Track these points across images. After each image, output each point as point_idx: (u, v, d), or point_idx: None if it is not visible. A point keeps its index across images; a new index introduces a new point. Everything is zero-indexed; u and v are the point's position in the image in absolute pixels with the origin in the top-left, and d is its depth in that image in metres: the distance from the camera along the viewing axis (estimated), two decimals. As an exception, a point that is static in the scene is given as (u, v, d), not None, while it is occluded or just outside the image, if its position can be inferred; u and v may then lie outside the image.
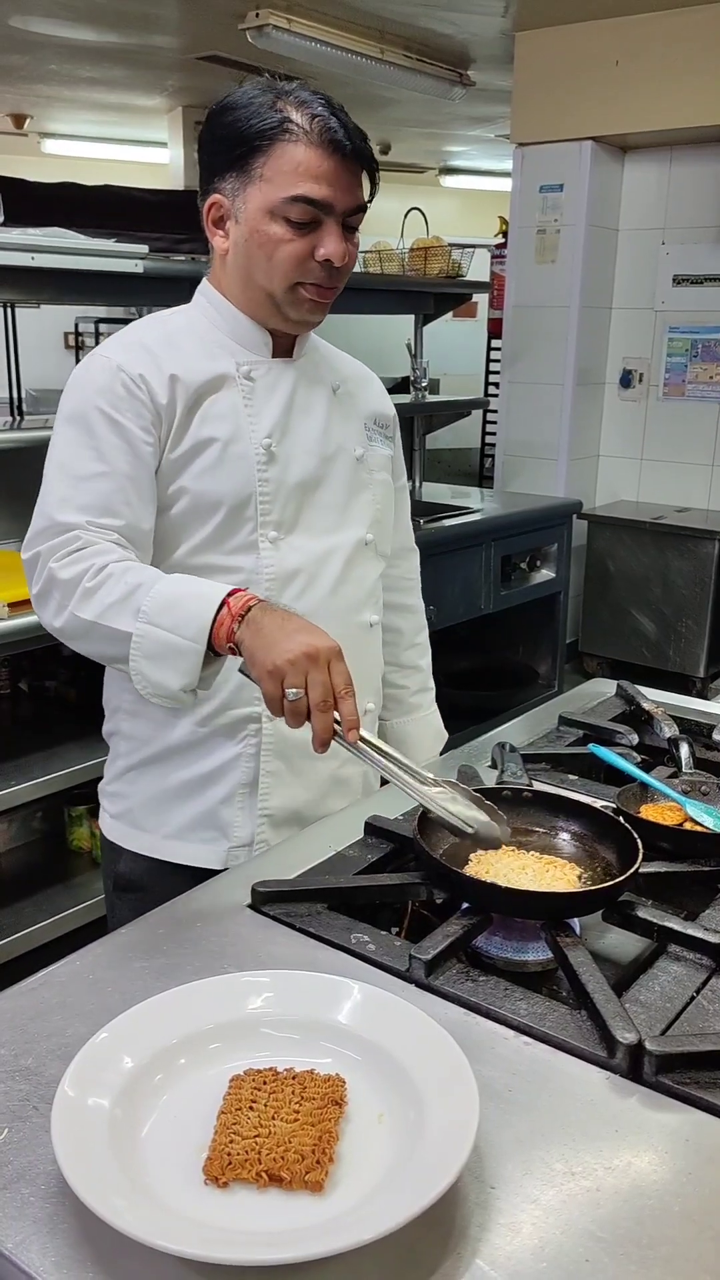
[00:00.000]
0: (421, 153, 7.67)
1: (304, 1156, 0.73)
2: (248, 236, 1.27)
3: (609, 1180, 0.76)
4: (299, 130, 1.22)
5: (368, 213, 1.31)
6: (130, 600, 1.16)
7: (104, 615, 1.17)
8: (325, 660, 1.08)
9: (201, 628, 1.12)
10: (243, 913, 1.09)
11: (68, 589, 1.19)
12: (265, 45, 4.25)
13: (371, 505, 1.47)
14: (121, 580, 1.17)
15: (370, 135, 1.28)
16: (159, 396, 1.28)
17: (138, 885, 1.42)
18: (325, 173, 1.23)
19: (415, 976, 0.97)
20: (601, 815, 1.18)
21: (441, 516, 3.74)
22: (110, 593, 1.17)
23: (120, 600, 1.16)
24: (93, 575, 1.18)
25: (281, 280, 1.28)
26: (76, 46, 4.98)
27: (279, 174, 1.23)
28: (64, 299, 3.05)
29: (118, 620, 1.16)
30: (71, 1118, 0.74)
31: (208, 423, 1.31)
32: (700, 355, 4.65)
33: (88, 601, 1.18)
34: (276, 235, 1.25)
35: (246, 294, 1.32)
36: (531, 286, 4.70)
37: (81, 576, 1.19)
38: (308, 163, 1.22)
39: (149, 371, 1.28)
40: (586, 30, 4.33)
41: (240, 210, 1.27)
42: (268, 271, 1.28)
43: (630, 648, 4.74)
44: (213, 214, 1.30)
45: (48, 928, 2.50)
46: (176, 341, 1.32)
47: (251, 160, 1.23)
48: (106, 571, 1.18)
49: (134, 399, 1.26)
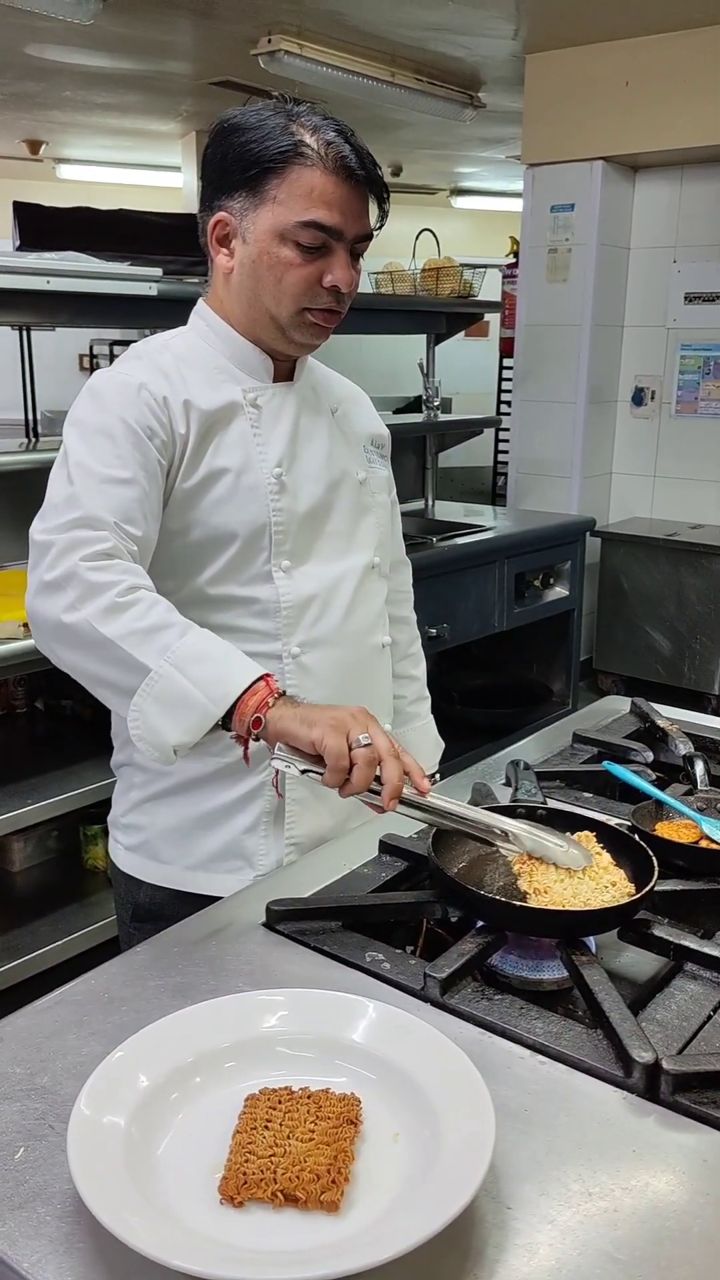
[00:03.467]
0: (433, 174, 7.72)
1: (319, 1176, 0.73)
2: (256, 257, 1.27)
3: (626, 1201, 0.75)
4: (314, 155, 1.22)
5: (380, 234, 1.32)
6: (158, 635, 1.11)
7: (126, 639, 1.10)
8: (376, 720, 1.08)
9: (228, 692, 1.08)
10: (257, 931, 1.09)
11: (91, 592, 1.11)
12: (277, 70, 4.31)
13: (375, 529, 1.47)
14: (152, 610, 1.12)
15: (382, 157, 1.29)
16: (177, 424, 1.26)
17: (159, 917, 1.36)
18: (338, 199, 1.23)
19: (430, 995, 0.97)
20: (617, 833, 1.18)
21: (454, 534, 3.74)
22: (140, 619, 1.11)
23: (148, 630, 1.11)
24: (124, 591, 1.12)
25: (290, 304, 1.28)
26: (91, 73, 5.05)
27: (293, 197, 1.23)
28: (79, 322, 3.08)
29: (139, 650, 1.10)
30: (87, 1136, 0.75)
31: (220, 453, 1.30)
32: (713, 372, 4.65)
33: (113, 617, 1.11)
34: (286, 258, 1.25)
35: (250, 315, 1.32)
36: (543, 305, 4.72)
37: (110, 587, 1.11)
38: (322, 188, 1.23)
39: (171, 395, 1.27)
40: (596, 52, 4.36)
41: (249, 230, 1.26)
42: (276, 295, 1.28)
43: (644, 665, 4.72)
44: (217, 231, 1.29)
45: (63, 947, 2.50)
46: (183, 368, 1.31)
47: (265, 181, 1.23)
48: (138, 595, 1.13)
49: (155, 419, 1.25)
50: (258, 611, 1.33)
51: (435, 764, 1.70)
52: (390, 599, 1.57)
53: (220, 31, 4.34)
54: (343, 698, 1.30)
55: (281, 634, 1.33)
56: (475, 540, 3.71)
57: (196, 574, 1.31)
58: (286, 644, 1.33)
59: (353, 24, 4.16)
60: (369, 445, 1.51)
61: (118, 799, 1.46)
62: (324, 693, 1.32)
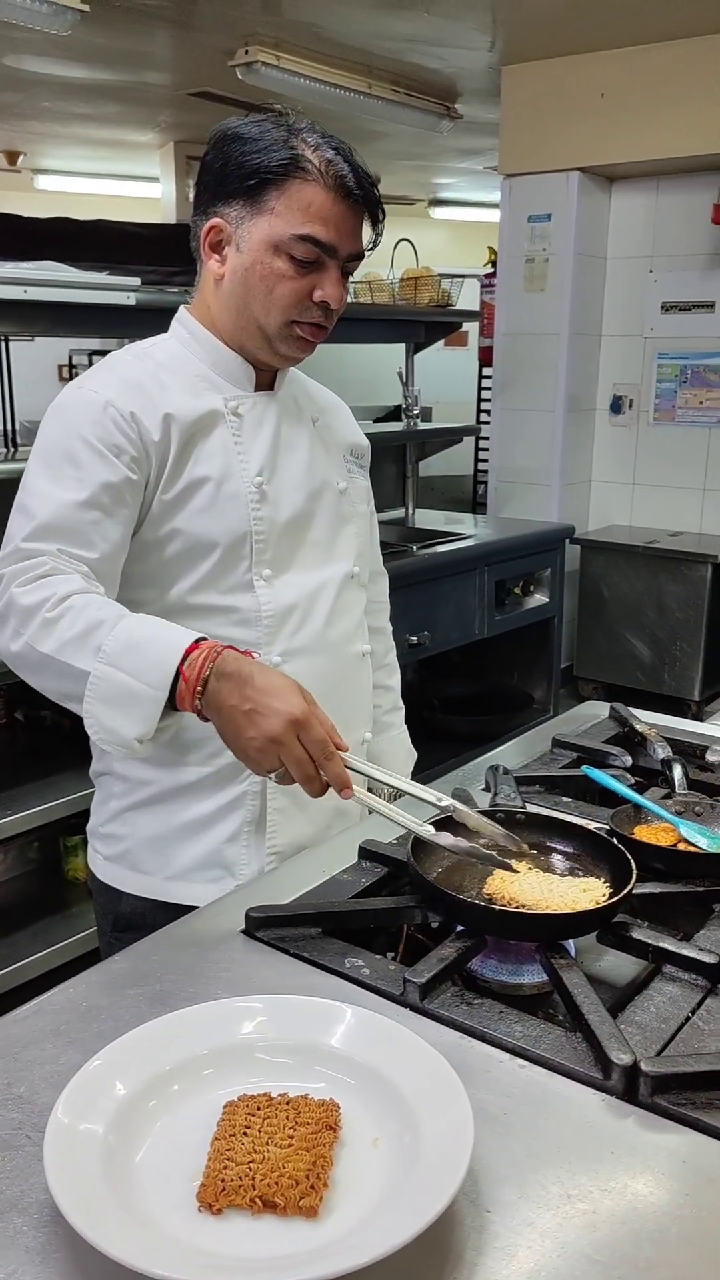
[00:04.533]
0: (411, 185, 7.77)
1: (298, 1182, 0.72)
2: (249, 266, 1.27)
3: (605, 1203, 0.76)
4: (314, 171, 1.23)
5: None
6: (90, 637, 1.11)
7: (61, 650, 1.11)
8: (292, 735, 1.05)
9: (165, 675, 1.08)
10: (236, 939, 1.08)
11: (26, 616, 1.14)
12: (255, 81, 4.32)
13: (356, 538, 1.48)
14: (82, 615, 1.13)
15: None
16: (150, 434, 1.26)
17: (139, 926, 1.35)
18: (334, 216, 1.24)
19: (410, 1000, 0.97)
20: (596, 837, 1.18)
21: (435, 542, 3.75)
22: (70, 626, 1.12)
23: (80, 636, 1.11)
24: (53, 605, 1.13)
25: (278, 316, 1.28)
26: (69, 84, 5.06)
27: (290, 210, 1.23)
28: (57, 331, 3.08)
29: (76, 657, 1.11)
30: (64, 1145, 0.74)
31: (200, 462, 1.30)
32: (690, 381, 4.69)
33: (46, 633, 1.12)
34: (279, 270, 1.25)
35: (237, 323, 1.32)
36: (521, 315, 4.75)
37: (42, 605, 1.13)
38: (319, 204, 1.23)
39: (141, 409, 1.26)
40: (572, 64, 4.40)
41: (243, 239, 1.26)
42: (265, 305, 1.28)
43: (625, 671, 4.74)
44: (211, 237, 1.29)
45: (44, 959, 2.48)
46: (163, 377, 1.31)
47: (264, 192, 1.24)
48: (68, 604, 1.13)
49: (123, 435, 1.24)
50: (238, 620, 1.33)
51: (407, 773, 1.70)
52: (367, 609, 1.57)
53: (198, 43, 4.36)
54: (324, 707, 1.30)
55: (262, 643, 1.33)
56: (456, 548, 3.72)
57: (177, 583, 1.31)
58: (268, 653, 1.33)
59: (329, 36, 4.19)
60: (349, 455, 1.52)
61: (97, 808, 1.46)
62: None
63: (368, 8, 3.88)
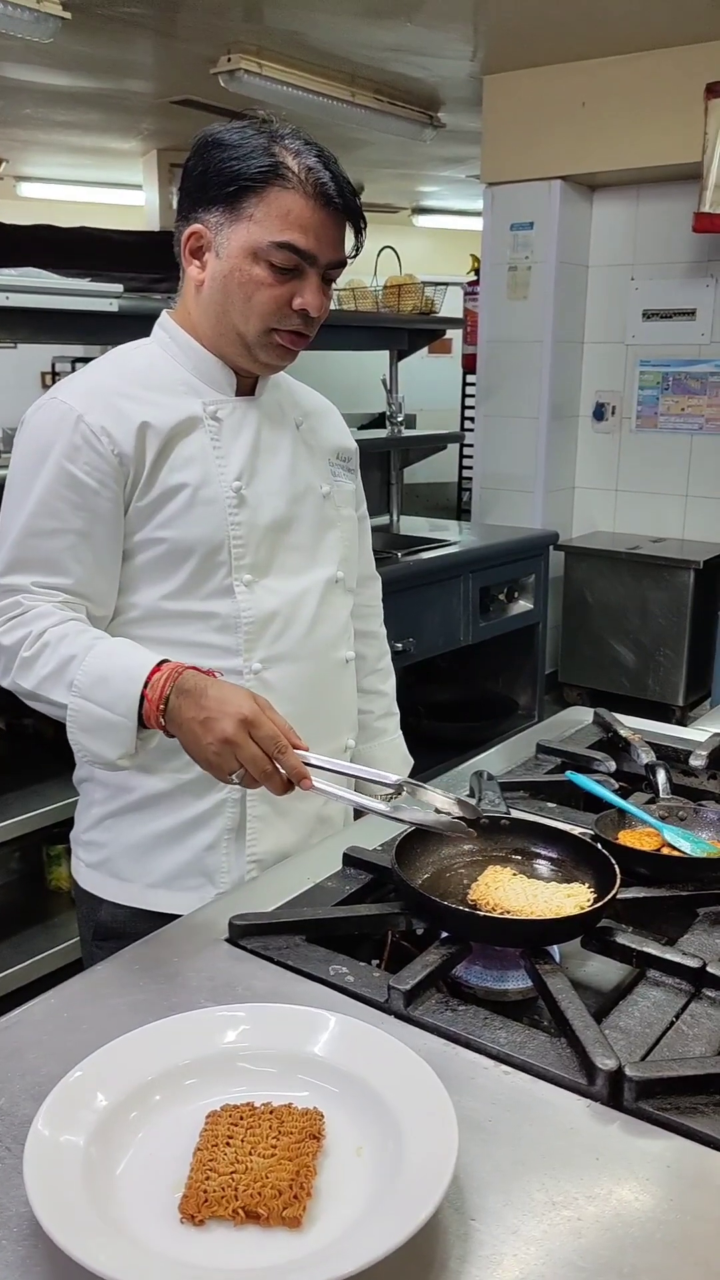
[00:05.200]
0: (394, 193, 7.79)
1: (281, 1192, 0.72)
2: (228, 273, 1.26)
3: (590, 1209, 0.75)
4: (294, 178, 1.22)
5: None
6: (64, 673, 1.19)
7: (40, 686, 1.20)
8: (243, 736, 1.08)
9: (130, 706, 1.14)
10: (220, 947, 1.08)
11: (8, 655, 1.23)
12: (238, 89, 4.32)
13: (340, 543, 1.47)
14: (56, 651, 1.20)
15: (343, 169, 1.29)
16: (123, 447, 1.25)
17: (120, 935, 1.36)
18: (314, 224, 1.24)
19: (394, 1008, 0.96)
20: (580, 842, 1.18)
21: (420, 549, 3.75)
22: (45, 664, 1.20)
23: (54, 673, 1.19)
24: (30, 643, 1.21)
25: (257, 323, 1.28)
26: (52, 91, 5.05)
27: (269, 217, 1.23)
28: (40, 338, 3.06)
29: (53, 692, 1.19)
30: (45, 1157, 0.73)
31: (177, 468, 1.29)
32: (671, 388, 4.71)
33: (26, 671, 1.21)
34: (257, 277, 1.25)
35: (217, 329, 1.32)
36: (504, 322, 4.77)
37: (20, 644, 1.21)
38: (298, 211, 1.23)
39: (112, 423, 1.25)
40: (553, 73, 4.43)
41: (223, 245, 1.26)
42: (244, 312, 1.28)
43: (610, 677, 4.75)
44: (191, 243, 1.29)
45: (27, 969, 2.46)
46: (140, 384, 1.31)
47: (243, 199, 1.23)
48: (43, 641, 1.21)
49: (93, 451, 1.24)
50: (218, 627, 1.32)
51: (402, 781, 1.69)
52: (359, 613, 1.57)
53: (180, 51, 4.36)
54: (305, 713, 1.30)
55: (243, 650, 1.33)
56: (440, 555, 3.72)
57: (156, 589, 1.31)
58: (248, 660, 1.33)
59: (312, 44, 4.19)
60: (334, 459, 1.51)
61: (80, 815, 1.45)
62: (286, 709, 1.31)
63: (350, 16, 3.89)
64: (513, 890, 1.09)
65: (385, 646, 1.71)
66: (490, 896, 1.08)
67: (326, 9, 3.80)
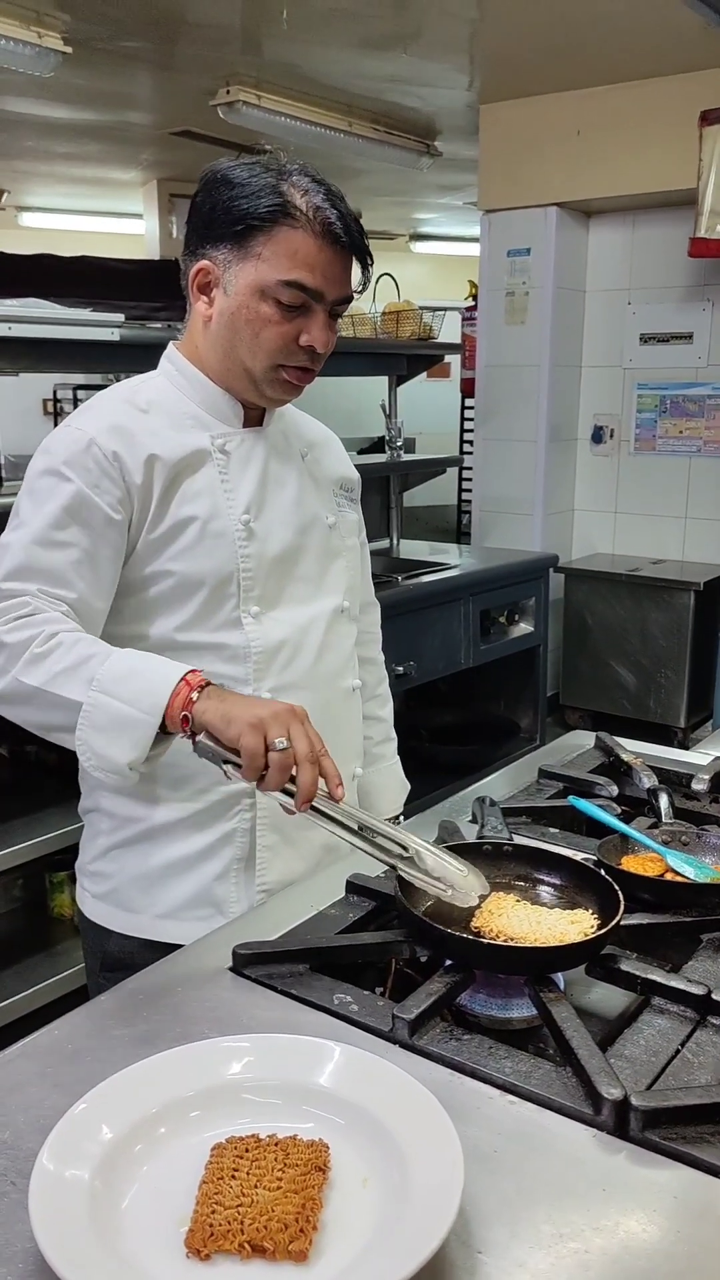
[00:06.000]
0: (392, 220, 7.86)
1: (287, 1225, 0.72)
2: (235, 310, 1.27)
3: (597, 1241, 0.75)
4: (301, 217, 1.23)
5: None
6: (82, 669, 1.15)
7: (52, 682, 1.15)
8: (303, 716, 1.09)
9: (158, 701, 1.11)
10: (224, 976, 1.07)
11: (13, 653, 1.17)
12: (236, 120, 4.38)
13: (345, 572, 1.48)
14: (72, 649, 1.16)
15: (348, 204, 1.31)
16: (133, 476, 1.27)
17: (128, 965, 1.33)
18: (321, 263, 1.25)
19: (399, 1037, 0.96)
20: (582, 868, 1.18)
21: (420, 572, 3.77)
22: (60, 660, 1.16)
23: (70, 668, 1.15)
24: (42, 641, 1.17)
25: (265, 360, 1.29)
26: (53, 124, 5.11)
27: (277, 256, 1.24)
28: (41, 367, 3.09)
29: (67, 688, 1.14)
30: (50, 1192, 0.73)
31: (187, 501, 1.30)
32: (669, 411, 4.74)
33: (35, 667, 1.16)
34: (265, 315, 1.26)
35: (224, 365, 1.33)
36: (502, 347, 4.80)
37: (30, 641, 1.17)
38: (305, 250, 1.24)
39: (124, 450, 1.27)
40: (548, 102, 4.48)
41: (230, 282, 1.27)
42: (252, 349, 1.29)
43: (611, 699, 4.75)
44: (199, 279, 1.30)
45: (30, 997, 2.45)
46: (150, 416, 1.32)
47: (251, 237, 1.24)
48: (56, 640, 1.17)
49: (105, 476, 1.25)
50: (228, 657, 1.33)
51: (400, 805, 1.70)
52: (359, 640, 1.58)
53: (179, 83, 4.41)
54: None
55: (252, 679, 1.33)
56: (440, 578, 3.73)
57: (167, 621, 1.31)
58: (257, 689, 1.33)
59: (310, 75, 4.25)
60: (338, 489, 1.52)
61: (85, 846, 1.45)
62: None
63: (347, 48, 3.94)
64: (516, 917, 1.09)
65: (384, 673, 1.71)
66: (494, 924, 1.08)
67: (324, 41, 3.85)
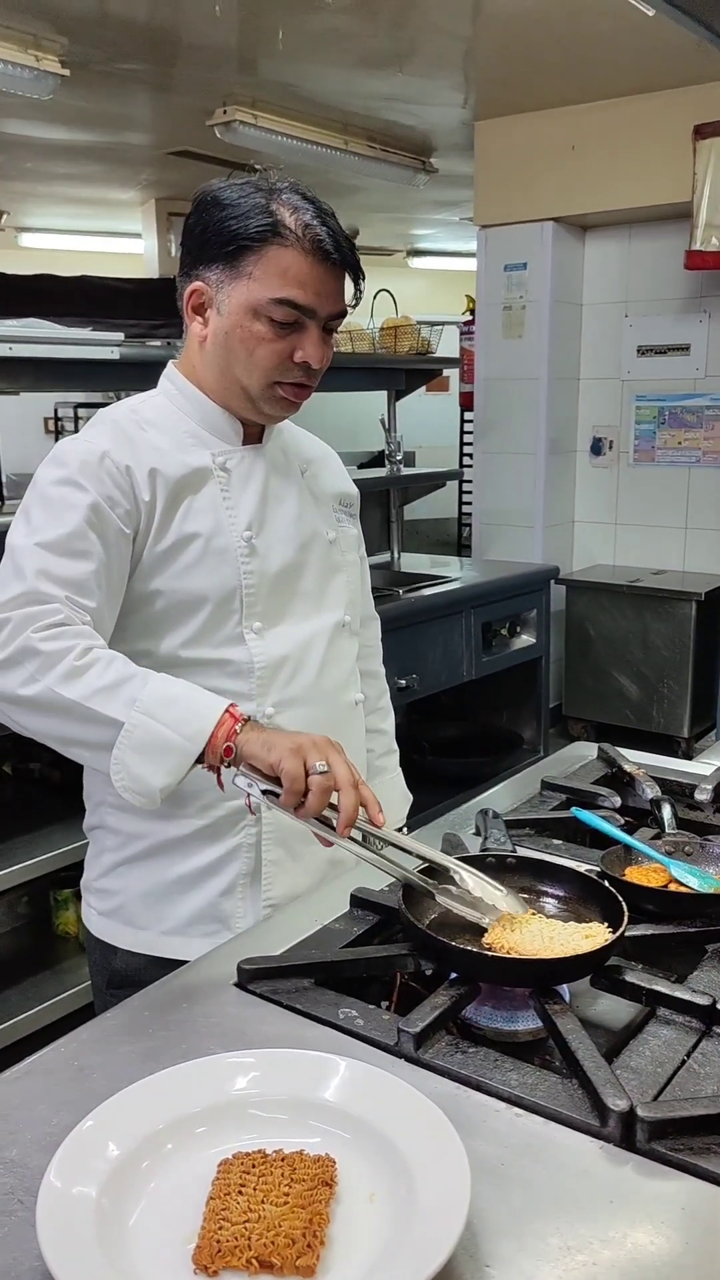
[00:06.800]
0: (389, 236, 7.90)
1: (294, 1241, 0.72)
2: (229, 329, 1.29)
3: (605, 1254, 0.75)
4: (291, 236, 1.24)
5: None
6: (122, 688, 1.13)
7: (91, 698, 1.13)
8: (339, 748, 1.11)
9: (201, 729, 1.11)
10: (229, 991, 1.07)
11: (47, 662, 1.14)
12: (233, 140, 4.41)
13: (346, 587, 1.49)
14: (110, 667, 1.15)
15: (339, 221, 1.31)
16: (141, 491, 1.27)
17: (135, 982, 1.32)
18: (312, 280, 1.26)
19: (404, 1050, 0.96)
20: (586, 879, 1.18)
21: (421, 586, 3.78)
22: (100, 677, 1.14)
23: (111, 686, 1.13)
24: (79, 654, 1.14)
25: (261, 378, 1.30)
26: (52, 145, 5.14)
27: (267, 275, 1.25)
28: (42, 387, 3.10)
29: (108, 706, 1.12)
30: (57, 1210, 0.73)
31: (189, 518, 1.31)
32: (668, 422, 4.75)
33: (74, 680, 1.13)
34: (258, 333, 1.27)
35: (222, 383, 1.34)
36: (500, 360, 4.82)
37: (66, 653, 1.14)
38: (296, 268, 1.25)
39: (134, 464, 1.27)
40: (543, 118, 4.51)
41: (224, 302, 1.28)
42: (247, 367, 1.30)
43: (614, 710, 4.75)
44: (193, 300, 1.31)
45: (35, 1016, 2.45)
46: (152, 434, 1.32)
47: (242, 257, 1.25)
48: (94, 655, 1.15)
49: (117, 488, 1.26)
50: (231, 673, 1.33)
51: (403, 818, 1.70)
52: (360, 654, 1.58)
53: (176, 104, 4.45)
54: None
55: (255, 695, 1.34)
56: (441, 591, 3.74)
57: (169, 637, 1.32)
58: (261, 704, 1.34)
59: (306, 94, 4.28)
60: (338, 505, 1.53)
61: (90, 863, 1.45)
62: None
63: (343, 67, 3.97)
64: (529, 933, 1.08)
65: (385, 686, 1.72)
66: (505, 940, 1.07)
67: (319, 60, 3.89)
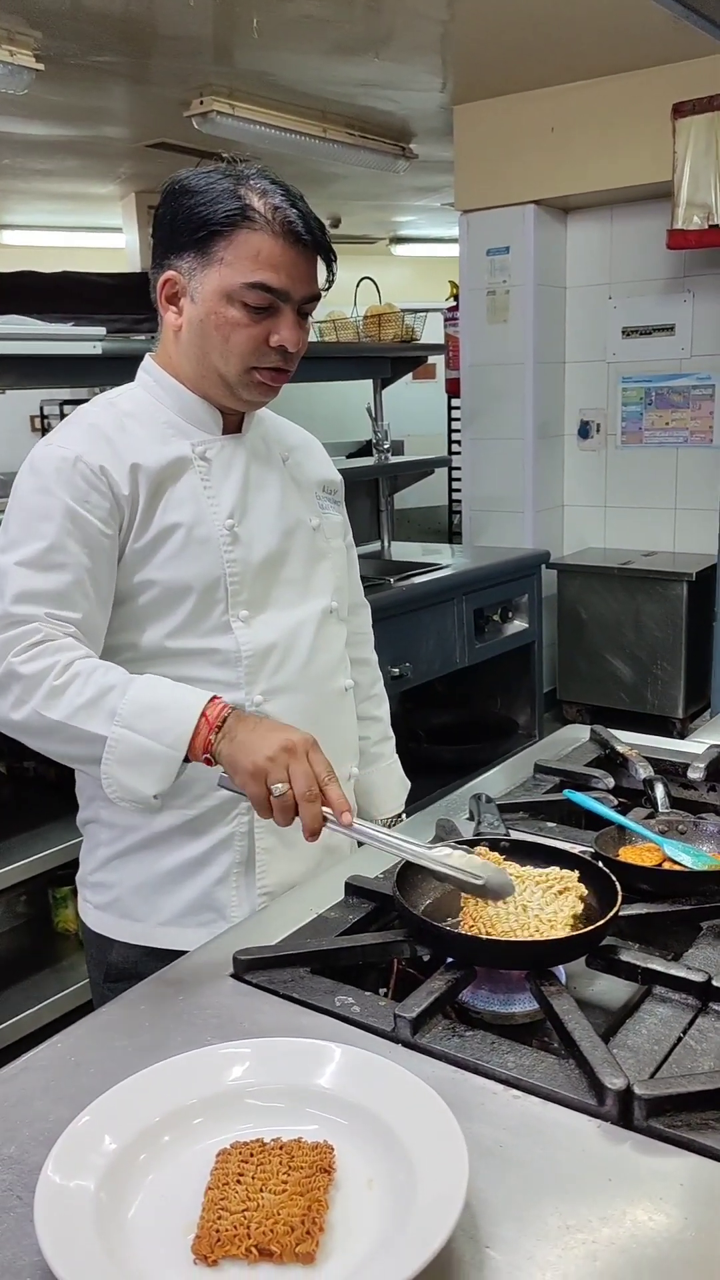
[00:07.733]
0: (371, 224, 7.87)
1: (293, 1228, 0.72)
2: (204, 317, 1.28)
3: (605, 1232, 0.75)
4: (261, 219, 1.24)
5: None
6: (102, 702, 1.15)
7: (74, 716, 1.15)
8: (303, 751, 1.10)
9: (181, 735, 1.13)
10: (225, 982, 1.07)
11: (30, 684, 1.16)
12: (211, 130, 4.39)
13: (332, 573, 1.49)
14: (90, 680, 1.16)
15: (319, 210, 1.30)
16: (120, 488, 1.27)
17: (132, 975, 1.34)
18: (284, 262, 1.25)
19: (401, 1036, 0.96)
20: (580, 860, 1.18)
21: (412, 574, 3.77)
22: (80, 693, 1.16)
23: (91, 702, 1.15)
24: (59, 672, 1.16)
25: (237, 363, 1.30)
26: (29, 141, 5.11)
27: (239, 259, 1.24)
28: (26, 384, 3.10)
29: (90, 722, 1.15)
30: (56, 1204, 0.73)
31: (170, 509, 1.31)
32: (654, 403, 4.75)
33: (55, 700, 1.16)
34: (233, 319, 1.27)
35: (199, 372, 1.33)
36: (485, 346, 4.81)
37: (46, 673, 1.16)
38: (267, 251, 1.24)
39: (109, 463, 1.27)
40: (521, 100, 4.49)
41: (197, 290, 1.28)
42: (223, 353, 1.29)
43: (608, 693, 4.76)
44: (166, 290, 1.31)
45: (36, 1014, 2.45)
46: (130, 427, 1.32)
47: (212, 243, 1.25)
48: (73, 670, 1.17)
49: (94, 491, 1.25)
50: (219, 662, 1.33)
51: (401, 804, 1.70)
52: (350, 641, 1.58)
53: (153, 95, 4.42)
54: None
55: (244, 683, 1.34)
56: (433, 579, 3.73)
57: (156, 629, 1.32)
58: (249, 693, 1.34)
59: (282, 83, 4.26)
60: (321, 492, 1.53)
61: (85, 857, 1.45)
62: None
63: (319, 55, 3.95)
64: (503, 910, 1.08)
65: (378, 673, 1.72)
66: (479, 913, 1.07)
67: (295, 48, 3.87)
